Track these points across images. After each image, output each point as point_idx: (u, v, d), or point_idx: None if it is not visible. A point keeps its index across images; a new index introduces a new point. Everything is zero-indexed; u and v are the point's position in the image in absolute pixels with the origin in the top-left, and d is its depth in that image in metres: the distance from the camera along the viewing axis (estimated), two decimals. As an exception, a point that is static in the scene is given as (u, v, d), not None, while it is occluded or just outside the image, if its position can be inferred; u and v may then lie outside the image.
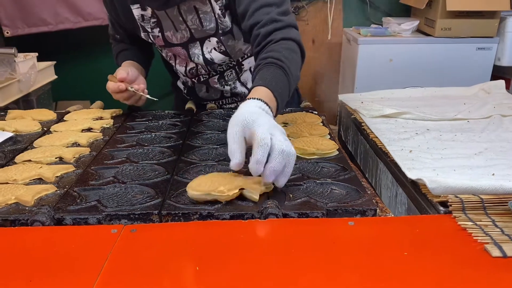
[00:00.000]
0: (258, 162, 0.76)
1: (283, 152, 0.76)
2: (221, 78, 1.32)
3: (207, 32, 1.21)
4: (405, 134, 1.09)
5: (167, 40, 1.25)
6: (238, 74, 1.32)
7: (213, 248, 0.66)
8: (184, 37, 1.23)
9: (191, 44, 1.24)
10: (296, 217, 0.76)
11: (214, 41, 1.22)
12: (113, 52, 1.40)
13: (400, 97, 1.43)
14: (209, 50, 1.24)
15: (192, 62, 1.29)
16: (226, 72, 1.31)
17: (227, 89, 1.33)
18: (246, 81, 1.36)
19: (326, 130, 1.12)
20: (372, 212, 0.78)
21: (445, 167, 0.90)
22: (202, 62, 1.26)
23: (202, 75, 1.32)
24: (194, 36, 1.22)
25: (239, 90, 1.36)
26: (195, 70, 1.31)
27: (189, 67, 1.31)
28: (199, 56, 1.25)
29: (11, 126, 1.18)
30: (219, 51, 1.24)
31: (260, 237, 0.69)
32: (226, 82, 1.31)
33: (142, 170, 0.94)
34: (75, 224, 0.75)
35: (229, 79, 1.31)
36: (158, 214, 0.76)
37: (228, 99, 1.41)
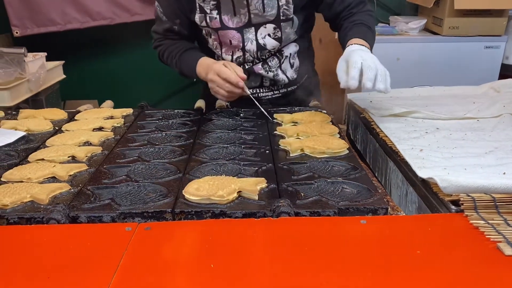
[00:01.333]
0: (352, 79, 1.04)
1: (370, 67, 1.05)
2: (265, 64, 1.37)
3: (266, 18, 1.27)
4: (415, 133, 1.09)
5: (223, 22, 1.29)
6: (280, 61, 1.37)
7: (226, 246, 0.67)
8: (240, 22, 1.28)
9: (246, 29, 1.30)
10: (308, 215, 0.77)
11: (271, 27, 1.30)
12: (170, 51, 1.38)
13: (409, 96, 1.42)
14: (263, 36, 1.31)
15: (240, 51, 1.33)
16: (269, 59, 1.37)
17: (270, 75, 1.38)
18: (286, 69, 1.41)
19: (335, 129, 1.12)
20: (383, 211, 0.78)
21: (456, 166, 0.90)
22: (254, 47, 1.31)
23: (248, 62, 1.36)
24: (252, 21, 1.28)
25: (280, 77, 1.41)
26: (242, 58, 1.35)
27: (235, 55, 1.35)
28: (252, 41, 1.31)
29: (23, 125, 1.19)
30: (274, 37, 1.31)
31: (273, 236, 0.70)
32: (269, 68, 1.37)
33: (154, 169, 0.95)
34: (90, 222, 0.76)
35: (272, 65, 1.37)
36: (172, 212, 0.77)
37: (266, 88, 1.44)
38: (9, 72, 2.00)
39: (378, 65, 1.07)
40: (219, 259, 0.63)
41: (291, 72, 1.42)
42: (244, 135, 1.14)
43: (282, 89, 1.45)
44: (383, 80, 1.06)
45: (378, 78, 1.05)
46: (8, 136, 1.14)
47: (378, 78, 1.05)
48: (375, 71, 1.05)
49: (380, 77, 1.06)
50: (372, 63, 1.06)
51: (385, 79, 1.07)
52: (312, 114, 1.23)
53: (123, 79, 3.07)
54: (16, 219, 0.76)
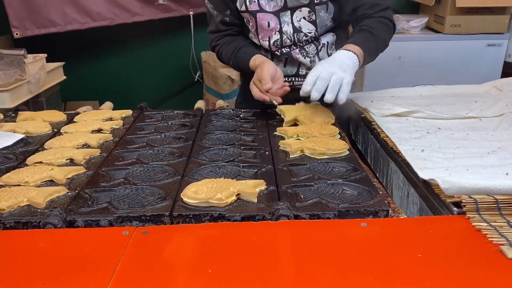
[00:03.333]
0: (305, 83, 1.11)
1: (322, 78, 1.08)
2: (302, 49, 1.38)
3: (300, 2, 1.30)
4: (416, 133, 1.08)
5: (261, 6, 1.32)
6: (317, 48, 1.39)
7: (225, 250, 0.66)
8: (277, 6, 1.32)
9: (282, 13, 1.33)
10: (307, 218, 0.76)
11: (306, 10, 1.32)
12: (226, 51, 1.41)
13: (410, 96, 1.41)
14: (298, 19, 1.33)
15: (277, 34, 1.35)
16: (306, 45, 1.38)
17: (307, 61, 1.39)
18: (323, 58, 1.40)
19: (336, 129, 1.11)
20: (384, 213, 0.77)
21: (458, 166, 0.89)
22: (291, 29, 1.34)
23: (286, 46, 1.37)
24: (287, 5, 1.32)
25: None
26: (280, 41, 1.36)
27: (273, 39, 1.36)
28: (289, 23, 1.34)
29: (22, 127, 1.18)
30: (309, 20, 1.33)
31: (272, 239, 0.69)
32: (307, 54, 1.39)
33: (152, 171, 0.94)
34: (87, 226, 0.75)
35: (309, 51, 1.38)
36: (169, 216, 0.76)
37: (302, 77, 1.43)
38: (9, 74, 2.00)
39: (336, 75, 1.09)
40: (217, 264, 0.63)
41: None
42: (244, 136, 1.13)
43: None
44: (332, 90, 1.09)
45: (330, 88, 1.09)
46: (6, 138, 1.13)
47: (330, 88, 1.09)
48: (326, 82, 1.08)
49: (331, 87, 1.08)
50: (327, 75, 1.09)
51: (335, 89, 1.09)
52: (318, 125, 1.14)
53: (123, 80, 3.07)
54: (13, 223, 0.76)
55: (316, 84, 1.09)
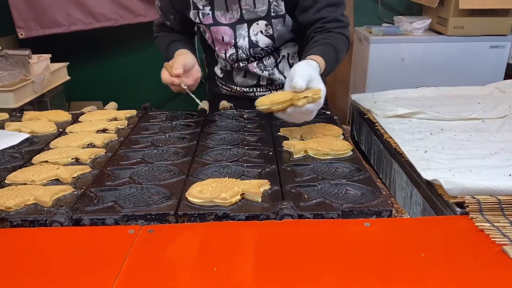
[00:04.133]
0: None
1: None
2: (260, 62, 1.37)
3: (257, 14, 1.26)
4: (420, 134, 1.09)
5: (216, 18, 1.29)
6: (277, 60, 1.37)
7: (230, 248, 0.67)
8: (233, 18, 1.28)
9: (239, 25, 1.29)
10: (311, 218, 0.76)
11: (262, 24, 1.28)
12: (161, 43, 1.42)
13: (414, 97, 1.42)
14: (255, 33, 1.30)
15: (233, 48, 1.33)
16: (265, 58, 1.36)
17: (265, 74, 1.38)
18: (283, 70, 1.39)
19: (339, 130, 1.12)
20: (387, 213, 0.78)
21: (461, 167, 0.89)
22: (246, 44, 1.31)
23: (242, 60, 1.36)
24: (244, 17, 1.28)
25: (276, 76, 1.39)
26: (236, 55, 1.35)
27: (229, 53, 1.35)
28: (244, 38, 1.30)
29: (28, 127, 1.19)
30: (266, 34, 1.30)
31: (276, 238, 0.69)
32: (265, 67, 1.37)
33: (157, 171, 0.94)
34: (93, 224, 0.76)
35: (267, 64, 1.36)
36: (174, 215, 0.77)
37: (263, 87, 1.43)
38: (13, 74, 2.01)
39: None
40: (222, 262, 0.63)
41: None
42: (248, 136, 1.14)
43: (280, 88, 1.43)
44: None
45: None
46: (12, 138, 1.14)
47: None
48: None
49: None
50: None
51: None
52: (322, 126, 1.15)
53: (127, 80, 3.08)
54: (20, 221, 0.76)
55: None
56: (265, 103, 0.99)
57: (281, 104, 0.97)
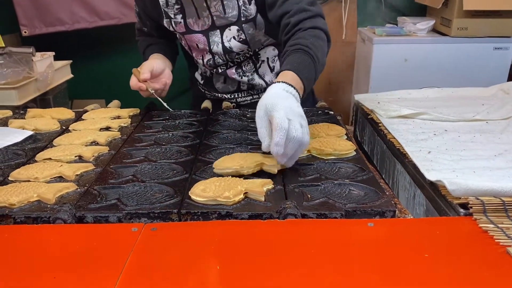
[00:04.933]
0: (277, 145, 0.82)
1: (295, 139, 0.83)
2: (239, 68, 1.34)
3: (229, 20, 1.24)
4: (423, 135, 1.09)
5: (188, 27, 1.27)
6: (256, 65, 1.34)
7: (232, 247, 0.67)
8: (205, 25, 1.26)
9: (212, 32, 1.27)
10: (315, 217, 0.76)
11: (234, 29, 1.25)
12: (140, 47, 1.44)
13: (417, 98, 1.42)
14: (228, 39, 1.27)
15: (209, 54, 1.31)
16: (244, 63, 1.34)
17: (245, 80, 1.35)
18: (264, 73, 1.37)
19: (343, 130, 1.12)
20: (391, 213, 0.77)
21: (465, 168, 0.89)
22: (221, 50, 1.29)
23: (220, 66, 1.34)
24: (215, 24, 1.25)
25: (256, 82, 1.38)
26: (213, 61, 1.33)
27: (206, 58, 1.33)
28: (218, 44, 1.28)
29: (31, 124, 1.20)
30: (238, 40, 1.27)
31: (279, 238, 0.69)
32: (244, 73, 1.34)
33: (160, 169, 0.94)
34: (96, 222, 0.76)
35: (246, 69, 1.34)
36: (178, 213, 0.77)
37: (244, 92, 1.42)
38: (17, 72, 2.01)
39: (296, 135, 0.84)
40: (226, 261, 0.63)
41: (270, 76, 1.38)
42: (251, 136, 1.13)
43: (262, 93, 1.37)
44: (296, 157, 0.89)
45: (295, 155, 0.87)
46: (15, 135, 1.14)
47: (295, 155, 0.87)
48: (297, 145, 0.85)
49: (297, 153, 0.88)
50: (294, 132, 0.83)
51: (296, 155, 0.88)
52: (325, 126, 1.14)
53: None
54: (23, 218, 0.77)
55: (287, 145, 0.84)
56: (228, 166, 0.88)
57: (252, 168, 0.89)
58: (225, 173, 0.89)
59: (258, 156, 0.93)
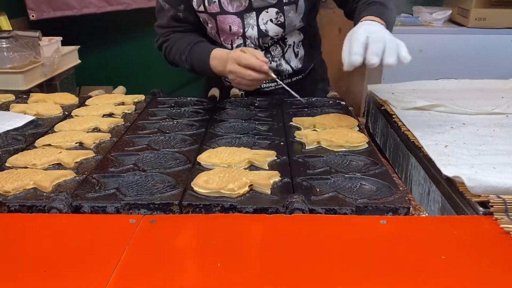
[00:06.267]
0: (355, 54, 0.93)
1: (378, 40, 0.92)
2: (267, 53, 1.30)
3: (268, 1, 1.20)
4: (439, 128, 1.03)
5: (222, 6, 1.22)
6: (283, 50, 1.31)
7: (234, 243, 0.63)
8: (241, 6, 1.21)
9: (247, 14, 1.22)
10: (323, 213, 0.72)
11: (273, 12, 1.21)
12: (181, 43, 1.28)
13: (433, 89, 1.36)
14: (264, 22, 1.23)
15: (240, 38, 1.26)
16: (272, 47, 1.30)
17: (273, 66, 1.31)
18: (290, 59, 1.34)
19: (355, 121, 1.07)
20: (404, 210, 0.73)
21: (484, 164, 0.84)
22: (255, 33, 1.24)
23: None
24: (253, 5, 1.21)
25: (283, 67, 1.34)
26: (243, 46, 1.27)
27: (236, 43, 1.28)
28: (253, 27, 1.24)
29: (33, 109, 1.16)
30: (276, 23, 1.23)
31: (285, 234, 0.65)
32: (272, 58, 1.30)
33: (163, 158, 0.91)
34: (93, 212, 0.73)
35: (275, 54, 1.30)
36: (179, 205, 0.73)
37: (269, 80, 1.36)
38: (23, 56, 1.98)
39: (388, 37, 0.93)
40: (227, 257, 0.59)
41: (295, 61, 1.35)
42: (259, 125, 1.09)
43: (286, 79, 1.38)
44: (393, 53, 0.92)
45: (386, 51, 0.92)
46: (16, 120, 1.11)
47: (386, 51, 0.92)
48: (382, 44, 0.91)
49: (389, 50, 0.92)
50: (380, 36, 0.93)
51: (395, 52, 0.92)
52: (336, 117, 1.09)
53: (139, 66, 3.04)
54: (17, 206, 0.73)
55: (371, 47, 0.92)
56: (215, 163, 0.86)
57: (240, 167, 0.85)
58: None
59: (247, 152, 0.88)
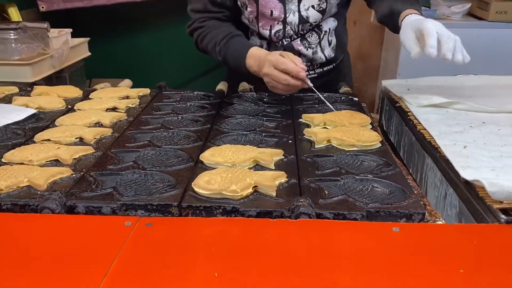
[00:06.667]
0: (431, 47, 0.97)
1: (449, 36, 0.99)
2: (304, 40, 1.27)
3: None
4: (458, 126, 0.97)
5: None
6: (320, 37, 1.28)
7: (234, 249, 0.58)
8: None
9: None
10: (331, 218, 0.67)
11: None
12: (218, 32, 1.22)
13: (451, 85, 1.29)
14: (306, 8, 1.22)
15: (280, 24, 1.23)
16: (308, 34, 1.27)
17: (309, 53, 1.28)
18: (324, 47, 1.31)
19: (368, 119, 1.01)
20: (419, 216, 0.68)
21: (506, 167, 0.78)
22: (296, 20, 1.22)
23: (286, 37, 1.26)
24: None
25: (318, 55, 1.31)
26: (282, 32, 1.24)
27: (274, 29, 1.24)
28: (295, 13, 1.22)
29: (35, 102, 1.13)
30: (318, 9, 1.22)
31: (289, 240, 0.60)
32: (309, 45, 1.28)
33: (165, 156, 0.87)
34: (88, 212, 0.69)
35: (311, 41, 1.28)
36: (178, 206, 0.69)
37: None
38: (31, 47, 1.96)
39: (452, 35, 1.01)
40: (225, 266, 0.55)
41: (328, 50, 1.33)
42: (266, 122, 1.04)
43: (318, 68, 1.35)
44: (461, 50, 1.01)
45: (457, 48, 1.00)
46: (18, 113, 1.08)
47: (457, 48, 1.00)
48: (453, 41, 0.99)
49: (457, 47, 1.00)
50: (449, 33, 1.00)
51: (462, 49, 1.02)
52: (348, 114, 1.03)
53: (150, 58, 3.00)
54: (10, 205, 0.70)
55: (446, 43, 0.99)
56: (219, 162, 0.81)
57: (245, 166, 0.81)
58: None
59: (253, 150, 0.84)
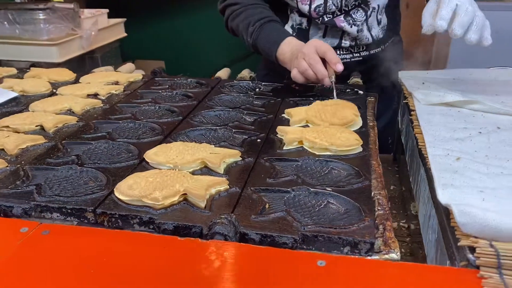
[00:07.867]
0: (441, 18, 0.85)
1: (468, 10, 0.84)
2: (348, 16, 1.16)
3: None
4: (463, 132, 0.81)
5: None
6: (367, 14, 1.16)
7: (114, 273, 0.50)
8: None
9: None
10: (257, 240, 0.56)
11: None
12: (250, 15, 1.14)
13: (480, 79, 1.10)
14: None
15: None
16: (353, 11, 1.16)
17: (354, 31, 1.16)
18: (371, 26, 1.19)
19: (355, 118, 0.87)
20: (367, 246, 0.55)
21: (500, 189, 0.62)
22: None
23: (328, 13, 1.15)
24: None
25: (364, 34, 1.18)
26: (323, 7, 1.14)
27: (314, 4, 1.14)
28: None
29: (20, 85, 1.11)
30: None
31: (177, 267, 0.51)
32: (354, 22, 1.16)
33: (116, 150, 0.80)
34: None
35: (357, 17, 1.16)
36: (93, 212, 0.62)
37: (344, 50, 1.20)
38: (60, 28, 1.97)
39: (478, 13, 0.87)
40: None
41: (377, 30, 1.20)
42: (246, 115, 0.94)
43: (364, 51, 1.22)
44: (478, 30, 0.86)
45: (472, 26, 0.85)
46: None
47: (473, 26, 0.85)
48: (471, 17, 0.85)
49: (476, 25, 0.85)
50: (471, 9, 0.85)
51: (481, 29, 0.86)
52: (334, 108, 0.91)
53: (190, 40, 2.95)
54: None
55: (459, 17, 0.85)
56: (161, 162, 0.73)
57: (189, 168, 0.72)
58: None
59: (205, 150, 0.74)
